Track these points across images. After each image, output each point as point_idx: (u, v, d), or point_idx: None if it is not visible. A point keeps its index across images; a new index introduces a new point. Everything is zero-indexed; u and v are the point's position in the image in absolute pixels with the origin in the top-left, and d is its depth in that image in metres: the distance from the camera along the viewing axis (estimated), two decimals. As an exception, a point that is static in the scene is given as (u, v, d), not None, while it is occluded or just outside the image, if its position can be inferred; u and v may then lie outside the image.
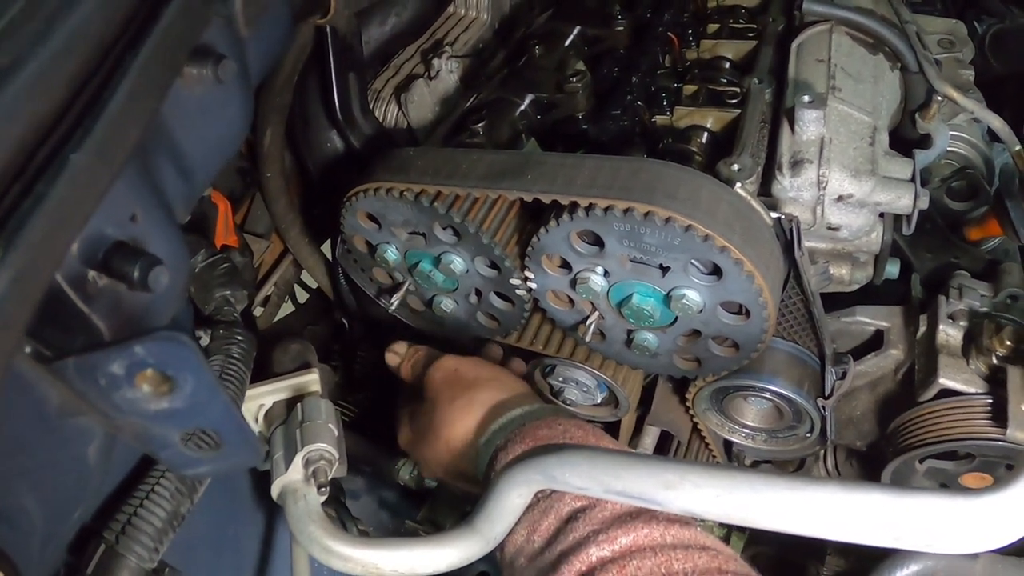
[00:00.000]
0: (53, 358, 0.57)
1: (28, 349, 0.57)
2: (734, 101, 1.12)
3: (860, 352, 1.16)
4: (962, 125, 1.29)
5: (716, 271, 0.88)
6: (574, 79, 1.15)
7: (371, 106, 1.30)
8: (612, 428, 1.21)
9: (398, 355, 1.16)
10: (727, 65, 1.25)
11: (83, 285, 0.58)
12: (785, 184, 1.02)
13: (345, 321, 1.55)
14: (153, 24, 0.52)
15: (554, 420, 0.93)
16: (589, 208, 0.87)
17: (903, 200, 1.02)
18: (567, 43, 1.28)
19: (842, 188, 1.01)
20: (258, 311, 1.51)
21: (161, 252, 0.61)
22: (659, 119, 1.16)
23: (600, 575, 0.72)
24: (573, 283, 0.96)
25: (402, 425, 1.13)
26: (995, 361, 1.01)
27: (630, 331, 1.01)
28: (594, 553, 0.73)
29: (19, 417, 0.61)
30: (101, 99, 0.49)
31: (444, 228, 1.00)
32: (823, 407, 1.06)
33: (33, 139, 0.46)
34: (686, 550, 0.73)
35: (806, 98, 1.02)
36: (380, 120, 1.31)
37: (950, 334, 1.07)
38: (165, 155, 0.69)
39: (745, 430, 1.18)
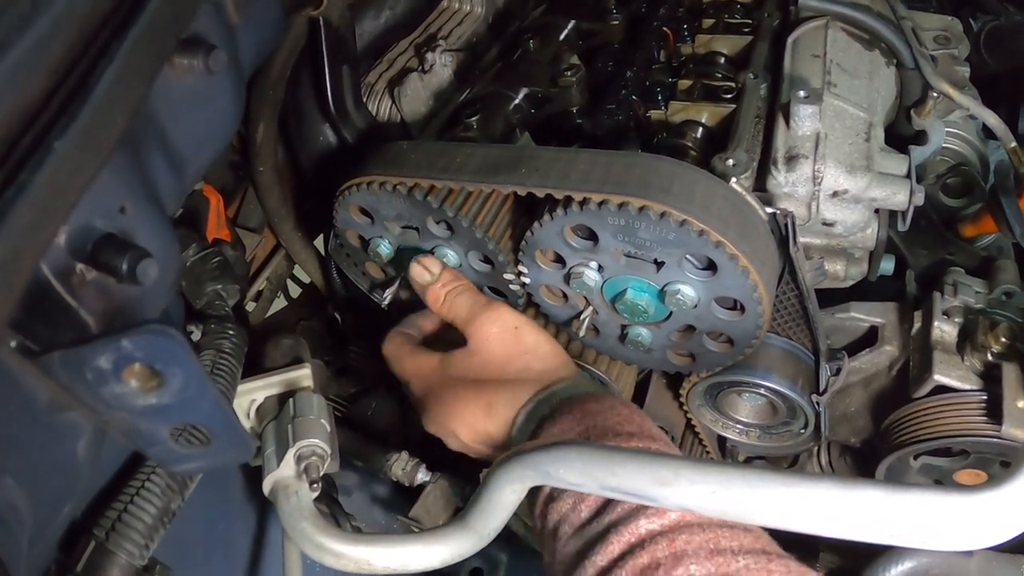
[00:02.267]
0: (39, 352, 0.56)
1: (13, 343, 0.56)
2: (729, 96, 1.12)
3: (854, 348, 1.16)
4: (957, 122, 1.29)
5: (711, 266, 0.87)
6: (568, 73, 1.14)
7: (364, 100, 1.29)
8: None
9: (430, 274, 1.00)
10: (722, 60, 1.24)
11: (70, 278, 0.57)
12: (780, 179, 1.01)
13: (338, 316, 1.54)
14: (141, 8, 0.51)
15: (602, 396, 0.90)
16: (583, 202, 0.86)
17: (898, 196, 1.01)
18: (561, 37, 1.27)
19: (837, 184, 1.01)
20: (250, 306, 1.50)
21: (150, 245, 0.61)
22: (654, 114, 1.15)
23: (650, 547, 0.71)
24: (567, 278, 0.96)
25: (418, 375, 1.01)
26: (990, 358, 1.01)
27: (624, 326, 1.00)
28: (643, 525, 0.73)
29: (6, 413, 0.60)
30: (87, 85, 0.47)
31: (437, 222, 0.99)
32: (817, 403, 1.06)
33: (16, 126, 0.45)
34: (732, 529, 0.73)
35: (802, 93, 1.01)
36: (373, 114, 1.30)
37: (945, 330, 1.06)
38: (155, 147, 0.68)
39: (739, 426, 1.18)
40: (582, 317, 1.00)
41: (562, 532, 0.79)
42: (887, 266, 1.13)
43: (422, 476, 1.23)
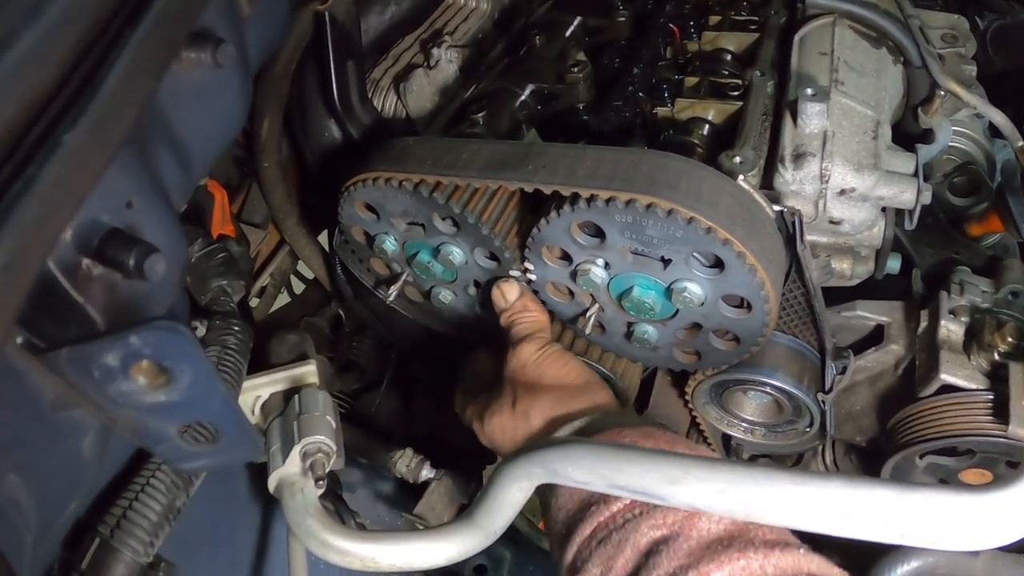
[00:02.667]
0: (46, 349, 0.56)
1: (20, 340, 0.56)
2: (736, 93, 1.11)
3: (860, 347, 1.15)
4: (964, 120, 1.29)
5: (718, 264, 0.87)
6: (575, 69, 1.14)
7: (370, 96, 1.29)
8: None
9: (506, 301, 1.02)
10: (729, 57, 1.23)
11: (77, 273, 0.56)
12: (787, 177, 1.01)
13: (342, 312, 1.54)
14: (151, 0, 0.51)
15: (619, 432, 0.84)
16: (591, 199, 0.86)
17: (905, 195, 1.01)
18: (568, 33, 1.27)
19: (844, 182, 1.00)
20: (254, 302, 1.50)
21: (157, 240, 0.60)
22: (660, 111, 1.15)
23: None
24: (573, 275, 0.95)
25: (480, 408, 1.03)
26: (996, 357, 1.01)
27: (630, 324, 1.00)
28: None
29: (12, 410, 0.60)
30: (96, 78, 0.47)
31: (443, 219, 0.99)
32: (823, 402, 1.06)
33: (25, 119, 0.45)
34: None
35: (809, 91, 1.01)
36: (379, 110, 1.30)
37: (951, 330, 1.06)
38: (162, 141, 0.68)
39: (744, 424, 1.17)
40: (588, 314, 0.99)
41: None
42: (893, 265, 1.12)
43: (426, 473, 1.23)
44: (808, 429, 1.12)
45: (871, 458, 1.21)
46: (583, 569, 0.73)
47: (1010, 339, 1.00)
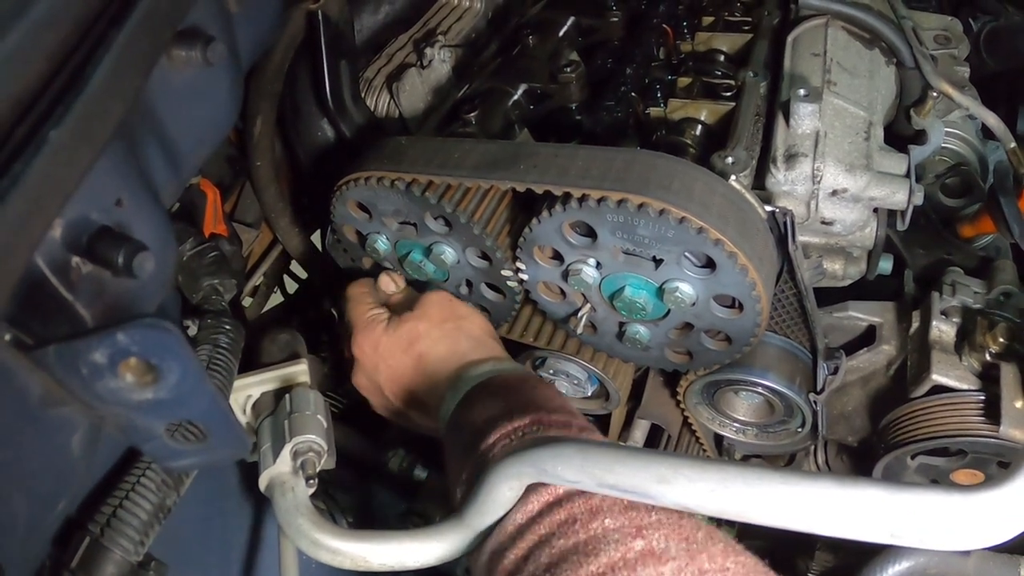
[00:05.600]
0: (34, 346, 0.56)
1: (8, 336, 0.56)
2: (729, 94, 1.12)
3: (852, 347, 1.15)
4: (956, 122, 1.29)
5: (709, 264, 0.87)
6: (568, 69, 1.14)
7: (363, 95, 1.29)
8: (602, 421, 1.20)
9: (394, 286, 1.10)
10: (722, 58, 1.24)
11: (66, 271, 0.56)
12: (779, 177, 1.01)
13: (335, 311, 1.54)
14: (138, -3, 0.51)
15: (528, 376, 0.96)
16: (582, 199, 0.86)
17: (898, 195, 1.01)
18: (561, 33, 1.27)
19: (837, 182, 1.00)
20: (247, 301, 1.50)
21: (147, 238, 0.60)
22: (653, 111, 1.15)
23: (567, 504, 0.71)
24: (565, 275, 0.95)
25: (365, 325, 1.05)
26: (988, 358, 1.01)
27: (622, 324, 1.00)
28: (563, 486, 0.73)
29: (0, 407, 0.60)
30: (83, 75, 0.47)
31: (435, 218, 0.99)
32: (815, 402, 1.06)
33: (11, 115, 0.45)
34: None
35: (801, 91, 1.01)
36: (372, 109, 1.30)
37: (943, 330, 1.06)
38: (152, 139, 0.67)
39: (736, 424, 1.17)
40: (580, 314, 0.99)
41: None
42: (885, 265, 1.12)
43: (419, 472, 1.23)
44: (800, 429, 1.12)
45: (863, 458, 1.21)
46: None
47: (1002, 340, 1.00)
